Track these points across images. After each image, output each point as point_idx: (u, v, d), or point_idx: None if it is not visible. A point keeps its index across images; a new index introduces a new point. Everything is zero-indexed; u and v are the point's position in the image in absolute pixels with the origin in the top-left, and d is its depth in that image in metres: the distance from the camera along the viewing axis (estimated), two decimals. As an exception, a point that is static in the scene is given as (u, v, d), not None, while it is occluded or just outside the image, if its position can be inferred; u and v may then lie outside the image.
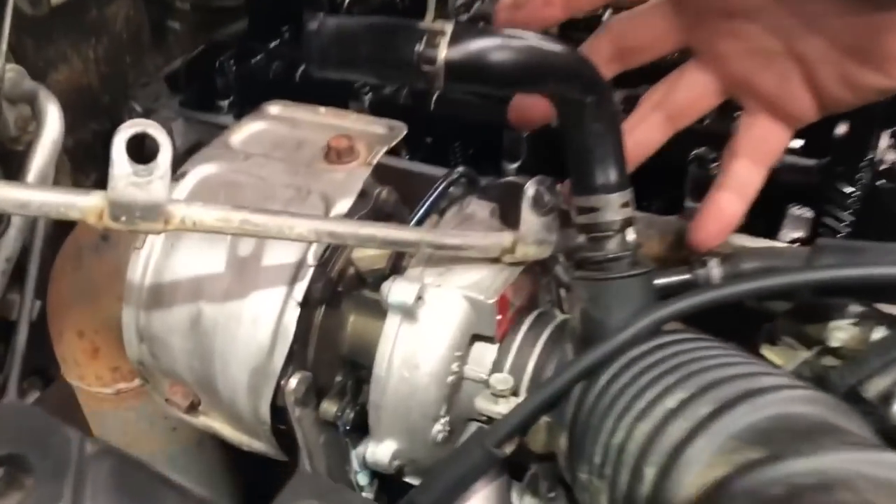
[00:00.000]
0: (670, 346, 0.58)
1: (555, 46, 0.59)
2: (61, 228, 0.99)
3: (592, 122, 0.62)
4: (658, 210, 0.83)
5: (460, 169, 0.78)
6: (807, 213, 0.85)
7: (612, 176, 0.63)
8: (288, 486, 0.36)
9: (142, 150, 0.55)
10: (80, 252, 0.90)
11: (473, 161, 0.99)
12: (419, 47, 0.56)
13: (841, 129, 0.85)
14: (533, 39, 0.59)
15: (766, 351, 0.72)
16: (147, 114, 1.06)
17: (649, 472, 0.52)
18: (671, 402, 0.54)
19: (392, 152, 0.94)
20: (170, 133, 1.09)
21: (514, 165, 0.92)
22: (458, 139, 1.00)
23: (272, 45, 1.10)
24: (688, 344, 0.58)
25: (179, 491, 0.31)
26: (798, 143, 0.91)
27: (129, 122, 0.51)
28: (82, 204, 0.50)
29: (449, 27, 0.56)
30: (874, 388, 0.60)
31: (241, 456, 0.80)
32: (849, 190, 0.83)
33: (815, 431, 0.46)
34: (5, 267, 0.99)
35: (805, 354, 0.69)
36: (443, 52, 0.55)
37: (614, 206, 0.63)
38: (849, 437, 0.47)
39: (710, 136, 0.86)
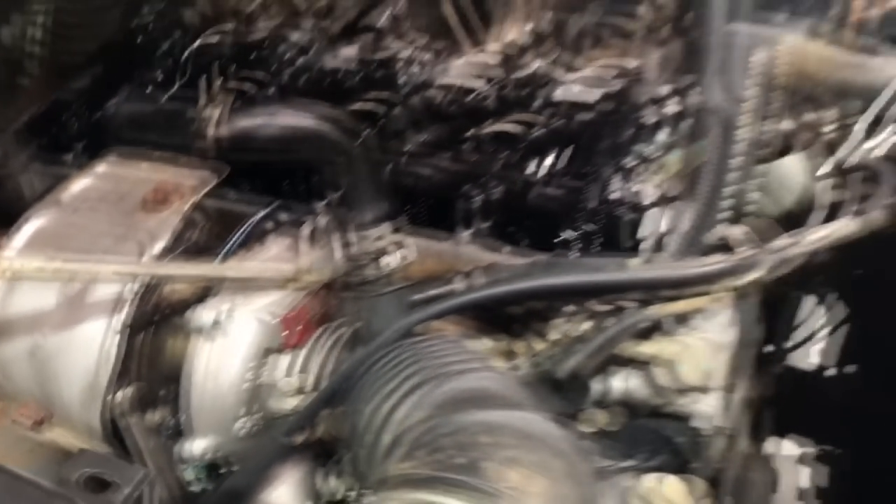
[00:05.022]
0: (404, 349, 0.75)
1: (308, 121, 0.76)
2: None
3: (346, 176, 0.79)
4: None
5: (266, 210, 0.94)
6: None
7: (368, 216, 0.80)
8: (68, 462, 0.51)
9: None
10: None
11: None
12: (194, 127, 0.72)
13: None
14: (290, 117, 0.75)
15: (514, 344, 0.91)
16: (-3, 168, 1.16)
17: (386, 440, 0.68)
18: (403, 386, 0.71)
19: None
20: (19, 184, 1.21)
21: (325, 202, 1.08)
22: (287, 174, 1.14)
23: (114, 99, 1.23)
24: (415, 347, 0.75)
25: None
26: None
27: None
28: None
29: (217, 111, 0.72)
30: (564, 369, 0.80)
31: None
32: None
33: (479, 399, 0.64)
34: None
35: (539, 346, 0.88)
36: (211, 131, 0.71)
37: (370, 240, 0.81)
38: (507, 402, 0.65)
39: (472, 175, 1.04)
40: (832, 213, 0.96)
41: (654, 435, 0.87)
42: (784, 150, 1.24)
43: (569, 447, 0.60)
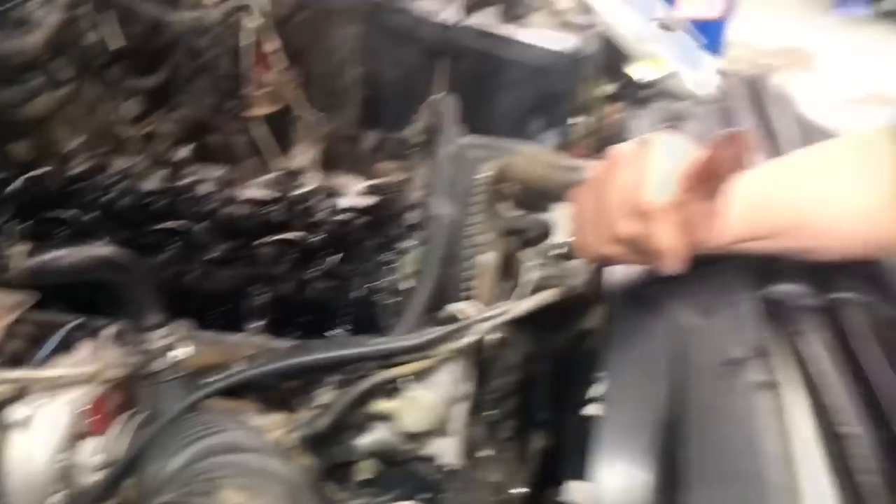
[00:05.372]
0: (182, 421, 0.96)
1: (101, 250, 0.98)
2: None
3: (132, 292, 1.01)
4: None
5: (75, 322, 1.13)
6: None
7: (152, 322, 1.02)
8: None
9: None
10: None
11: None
12: (3, 262, 0.92)
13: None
14: (86, 248, 0.97)
15: (292, 414, 1.13)
16: None
17: (160, 489, 0.89)
18: (178, 446, 0.92)
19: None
20: None
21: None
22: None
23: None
24: (191, 419, 0.96)
25: None
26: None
27: None
28: None
29: (25, 246, 0.93)
30: (318, 428, 1.03)
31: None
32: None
33: (229, 448, 0.86)
34: None
35: (309, 413, 1.10)
36: (19, 265, 0.92)
37: (161, 338, 1.02)
38: (251, 449, 0.87)
39: (260, 277, 1.28)
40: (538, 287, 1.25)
41: (403, 475, 1.10)
42: (529, 242, 1.55)
43: (293, 479, 0.82)
